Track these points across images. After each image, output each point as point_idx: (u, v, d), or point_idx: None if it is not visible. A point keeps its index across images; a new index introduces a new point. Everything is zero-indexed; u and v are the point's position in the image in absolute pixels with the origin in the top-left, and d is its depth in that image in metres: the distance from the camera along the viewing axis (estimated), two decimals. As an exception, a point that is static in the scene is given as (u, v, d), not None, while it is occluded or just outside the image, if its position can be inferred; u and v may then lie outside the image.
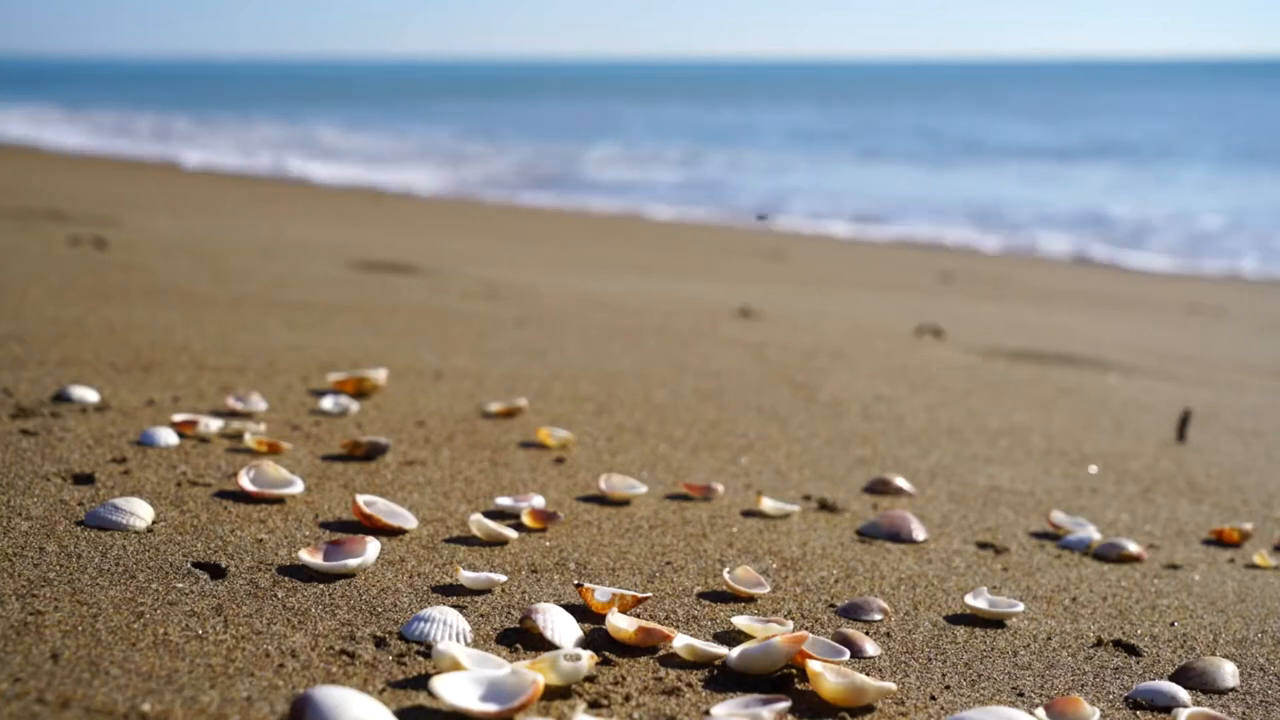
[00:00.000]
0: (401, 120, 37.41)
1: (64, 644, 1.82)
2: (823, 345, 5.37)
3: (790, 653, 1.96)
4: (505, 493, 2.86)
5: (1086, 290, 9.90)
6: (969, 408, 4.31)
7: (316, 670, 1.83)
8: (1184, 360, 6.09)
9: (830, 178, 21.19)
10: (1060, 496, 3.30)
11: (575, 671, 1.84)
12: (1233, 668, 2.18)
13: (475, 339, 4.80)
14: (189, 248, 7.08)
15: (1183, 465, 3.75)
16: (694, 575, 2.44)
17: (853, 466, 3.40)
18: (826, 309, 7.01)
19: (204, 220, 9.51)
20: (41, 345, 3.89)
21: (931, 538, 2.83)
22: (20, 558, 2.15)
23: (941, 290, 9.00)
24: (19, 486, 2.53)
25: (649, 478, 3.10)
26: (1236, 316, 8.61)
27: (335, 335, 4.62)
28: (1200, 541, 3.02)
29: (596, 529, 2.67)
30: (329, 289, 5.89)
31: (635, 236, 12.37)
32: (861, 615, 2.30)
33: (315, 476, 2.82)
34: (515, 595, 2.24)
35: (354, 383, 3.64)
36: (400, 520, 2.53)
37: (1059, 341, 6.29)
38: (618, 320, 5.62)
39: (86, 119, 33.54)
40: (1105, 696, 2.06)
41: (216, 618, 1.98)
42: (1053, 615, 2.41)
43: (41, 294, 4.86)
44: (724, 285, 7.89)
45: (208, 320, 4.65)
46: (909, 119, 40.45)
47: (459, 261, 7.87)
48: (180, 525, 2.41)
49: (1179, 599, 2.57)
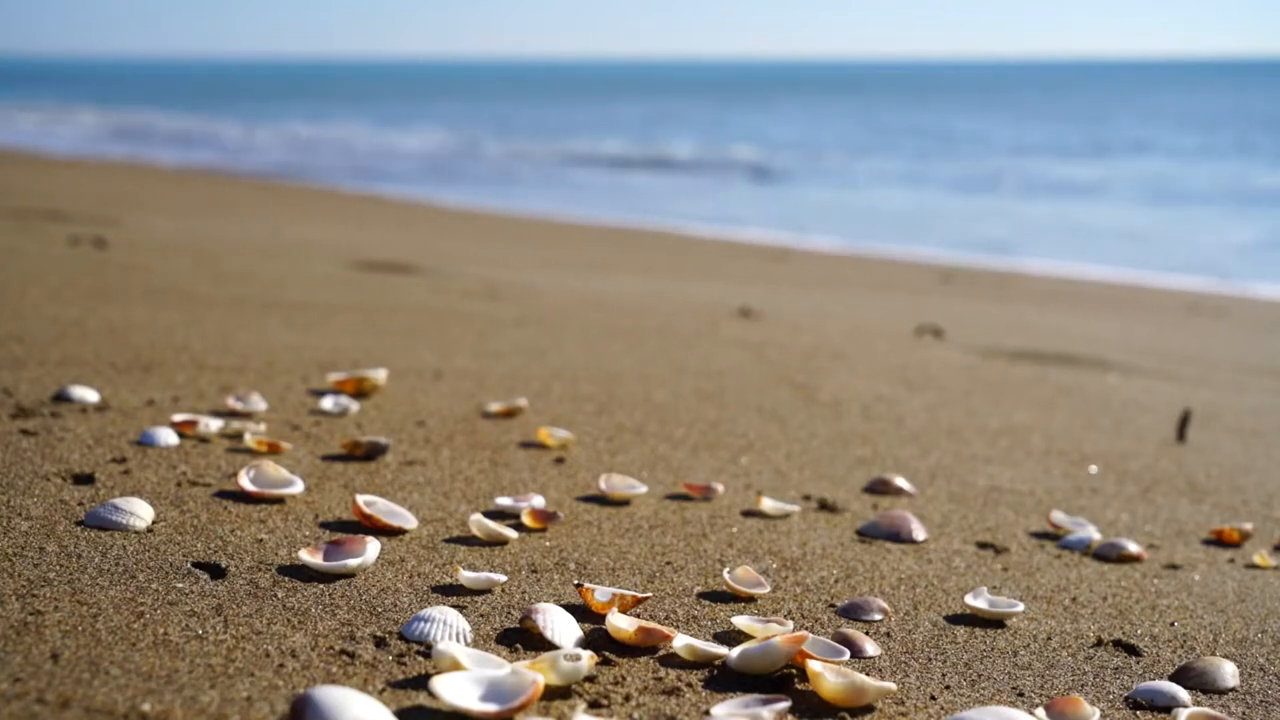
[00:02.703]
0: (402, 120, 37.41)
1: (64, 644, 1.82)
2: (823, 345, 5.37)
3: (790, 653, 1.96)
4: (505, 493, 2.86)
5: (1086, 290, 9.90)
6: (969, 408, 4.30)
7: (316, 670, 1.83)
8: (1184, 360, 6.09)
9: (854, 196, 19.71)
10: (1060, 496, 3.30)
11: (575, 671, 1.84)
12: (1233, 668, 2.18)
13: (475, 339, 4.80)
14: (189, 248, 7.08)
15: (1183, 465, 3.75)
16: (694, 575, 2.44)
17: (853, 466, 3.40)
18: (827, 309, 7.01)
19: (204, 220, 9.51)
20: (41, 345, 3.89)
21: (931, 538, 2.83)
22: (20, 558, 2.15)
23: (941, 290, 9.00)
24: (19, 486, 2.53)
25: (649, 478, 3.10)
26: (1236, 316, 8.60)
27: (335, 335, 4.62)
28: (1200, 541, 3.02)
29: (596, 529, 2.67)
30: (329, 289, 5.89)
31: (636, 237, 12.37)
32: (861, 615, 2.30)
33: (315, 476, 2.82)
34: (515, 595, 2.24)
35: (354, 383, 3.64)
36: (400, 520, 2.53)
37: (1059, 341, 6.29)
38: (618, 320, 5.62)
39: (87, 120, 33.52)
40: (1105, 696, 2.06)
41: (216, 618, 1.98)
42: (1053, 615, 2.41)
43: (41, 294, 4.86)
44: (724, 285, 7.89)
45: (208, 320, 4.65)
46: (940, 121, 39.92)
47: (459, 261, 7.87)
48: (180, 525, 2.41)
49: (1179, 599, 2.57)
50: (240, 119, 36.19)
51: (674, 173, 22.92)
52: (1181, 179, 21.60)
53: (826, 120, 40.45)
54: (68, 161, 18.16)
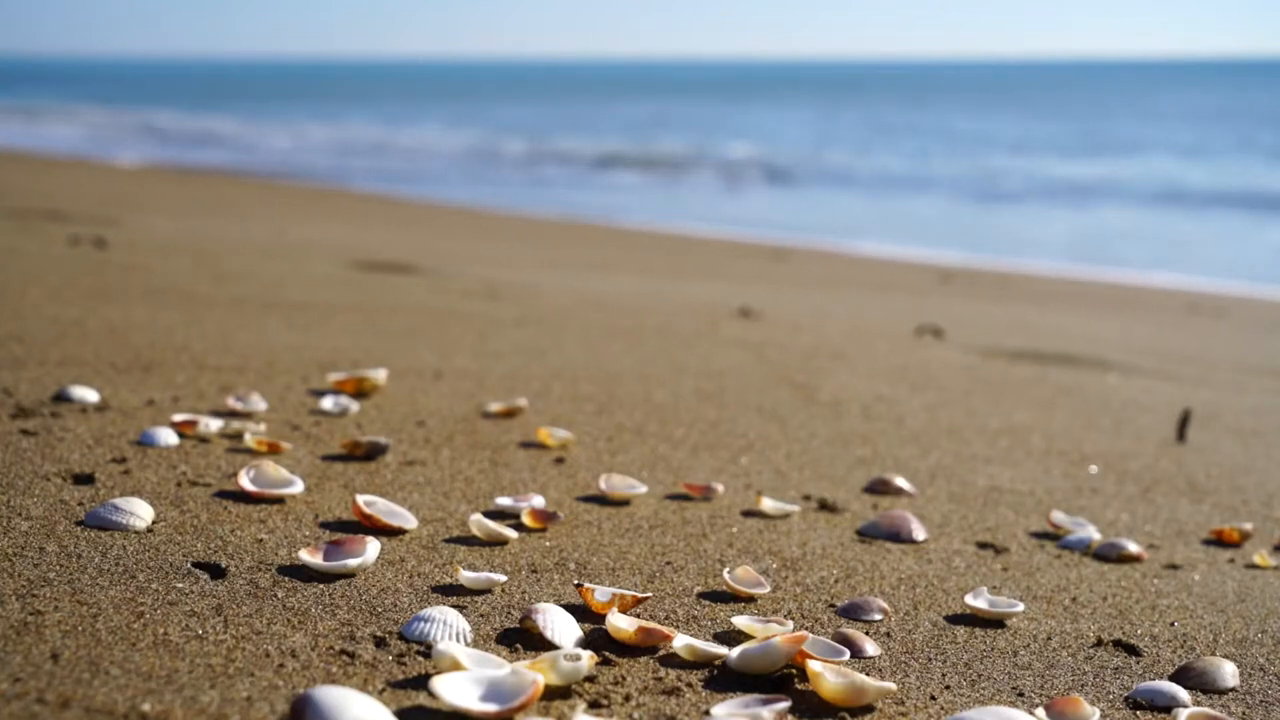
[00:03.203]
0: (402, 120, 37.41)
1: (64, 644, 1.82)
2: (823, 345, 5.37)
3: (790, 653, 1.96)
4: (505, 493, 2.86)
5: (1086, 290, 9.90)
6: (969, 408, 4.31)
7: (316, 670, 1.83)
8: (1184, 360, 6.09)
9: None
10: (1060, 496, 3.30)
11: (575, 671, 1.84)
12: (1233, 668, 2.18)
13: (475, 339, 4.80)
14: (189, 248, 7.08)
15: (1183, 465, 3.75)
16: (694, 575, 2.44)
17: (853, 466, 3.40)
18: (827, 309, 7.01)
19: (204, 220, 9.51)
20: (41, 345, 3.89)
21: (931, 538, 2.83)
22: (20, 558, 2.15)
23: (941, 290, 9.00)
24: (19, 486, 2.53)
25: (649, 478, 3.10)
26: (1236, 316, 8.60)
27: (335, 335, 4.62)
28: (1200, 541, 3.02)
29: (596, 529, 2.67)
30: (329, 289, 5.89)
31: (636, 237, 12.37)
32: (861, 615, 2.30)
33: (315, 476, 2.82)
34: (515, 595, 2.24)
35: (354, 383, 3.64)
36: (400, 520, 2.53)
37: (1059, 341, 6.29)
38: (618, 320, 5.62)
39: (87, 119, 33.53)
40: (1105, 696, 2.06)
41: (216, 618, 1.98)
42: (1053, 615, 2.41)
43: (41, 294, 4.86)
44: (724, 285, 7.88)
45: (208, 320, 4.65)
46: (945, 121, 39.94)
47: (459, 261, 7.87)
48: (180, 525, 2.41)
49: (1179, 599, 2.57)
50: (240, 119, 36.18)
51: (674, 173, 22.92)
52: (1182, 179, 21.59)
53: (827, 120, 40.45)
54: (68, 161, 18.16)
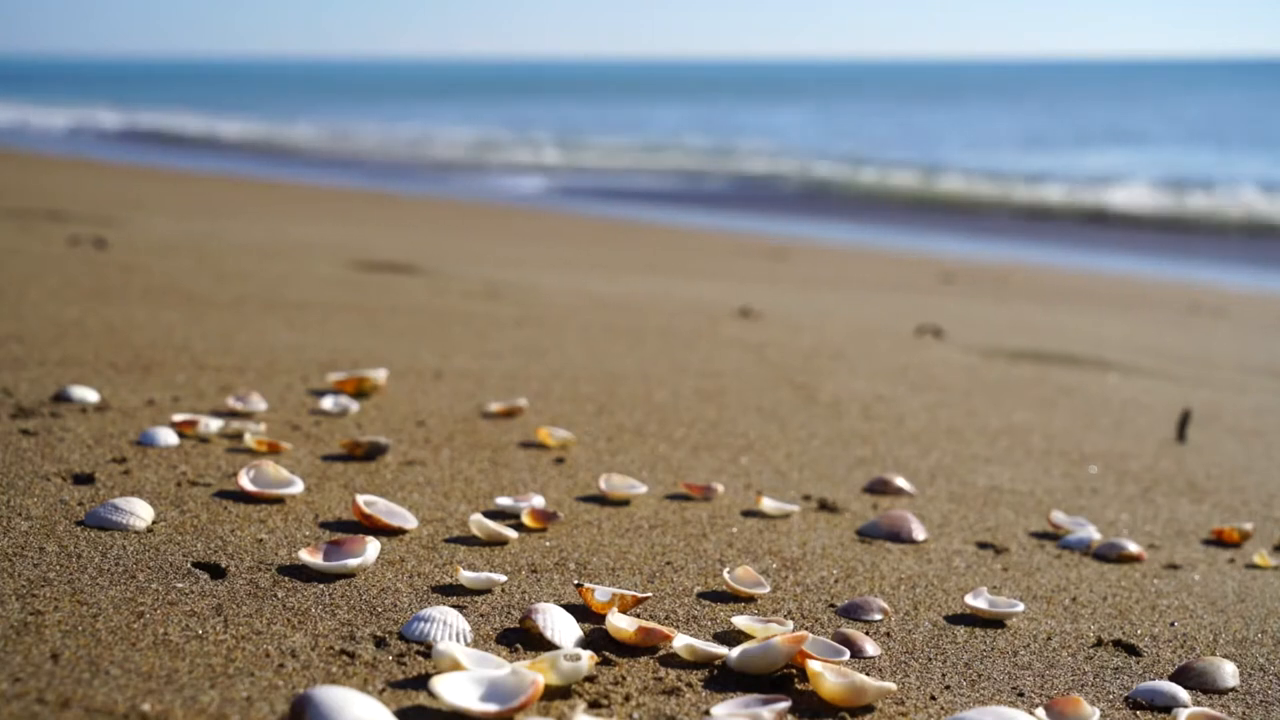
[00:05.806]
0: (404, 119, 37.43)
1: (64, 644, 1.82)
2: (823, 345, 5.37)
3: (790, 653, 1.96)
4: (505, 493, 2.86)
5: (1087, 290, 9.90)
6: (969, 408, 4.31)
7: (316, 670, 1.83)
8: (1184, 360, 6.08)
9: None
10: (1060, 496, 3.30)
11: (575, 671, 1.84)
12: (1233, 668, 2.18)
13: (475, 339, 4.80)
14: (189, 248, 7.08)
15: (1183, 465, 3.75)
16: (694, 575, 2.44)
17: (853, 466, 3.40)
18: (827, 309, 7.01)
19: (204, 220, 9.51)
20: (41, 345, 3.89)
21: (931, 538, 2.83)
22: (20, 558, 2.15)
23: (942, 290, 9.00)
24: (19, 486, 2.54)
25: (649, 478, 3.10)
26: (1236, 316, 8.60)
27: (335, 335, 4.62)
28: (1200, 541, 3.02)
29: (596, 529, 2.67)
30: (329, 289, 5.89)
31: (637, 237, 12.37)
32: (861, 615, 2.30)
33: (315, 476, 2.82)
34: (515, 595, 2.24)
35: (354, 383, 3.64)
36: (400, 520, 2.53)
37: (1059, 341, 6.29)
38: (618, 320, 5.62)
39: (88, 119, 33.54)
40: (1105, 696, 2.06)
41: (216, 618, 1.98)
42: (1053, 615, 2.41)
43: (41, 294, 4.86)
44: (725, 285, 7.88)
45: (208, 320, 4.65)
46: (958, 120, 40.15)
47: (459, 261, 7.87)
48: (180, 525, 2.41)
49: (1179, 599, 2.57)
50: (241, 118, 36.17)
51: (674, 172, 22.92)
52: (1183, 178, 21.61)
53: (827, 119, 40.44)
54: (68, 161, 18.16)
